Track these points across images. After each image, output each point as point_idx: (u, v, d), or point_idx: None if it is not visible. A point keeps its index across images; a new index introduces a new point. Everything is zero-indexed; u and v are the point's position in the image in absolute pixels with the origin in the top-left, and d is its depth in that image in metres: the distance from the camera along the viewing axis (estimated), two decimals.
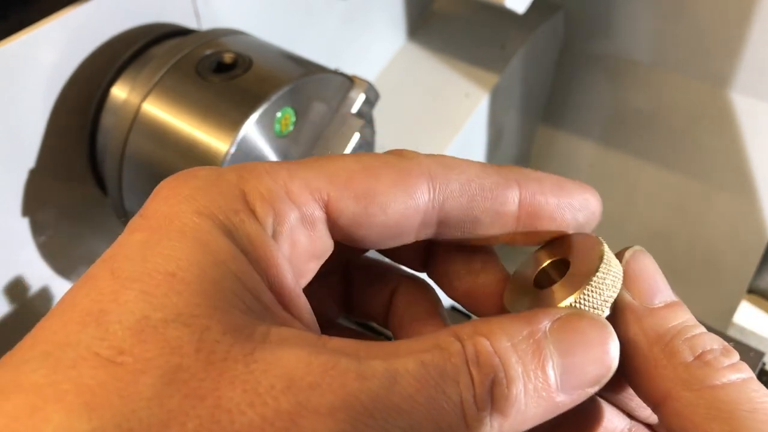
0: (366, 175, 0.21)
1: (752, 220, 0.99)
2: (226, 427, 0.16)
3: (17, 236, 0.52)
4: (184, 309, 0.17)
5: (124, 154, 0.49)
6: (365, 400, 0.16)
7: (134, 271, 0.17)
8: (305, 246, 0.21)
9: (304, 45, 0.68)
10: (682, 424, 0.19)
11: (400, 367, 0.17)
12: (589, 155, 1.09)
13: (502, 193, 0.22)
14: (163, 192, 0.20)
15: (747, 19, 0.85)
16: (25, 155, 0.49)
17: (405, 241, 0.22)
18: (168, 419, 0.15)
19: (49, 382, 0.16)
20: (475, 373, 0.18)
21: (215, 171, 0.20)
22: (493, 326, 0.19)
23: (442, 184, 0.21)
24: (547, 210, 0.22)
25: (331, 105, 0.51)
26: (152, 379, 0.16)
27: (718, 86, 0.93)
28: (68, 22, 0.47)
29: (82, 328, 0.16)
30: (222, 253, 0.18)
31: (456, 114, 0.83)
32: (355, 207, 0.21)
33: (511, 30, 0.89)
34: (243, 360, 0.16)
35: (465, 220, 0.22)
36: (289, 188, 0.20)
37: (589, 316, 0.20)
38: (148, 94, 0.48)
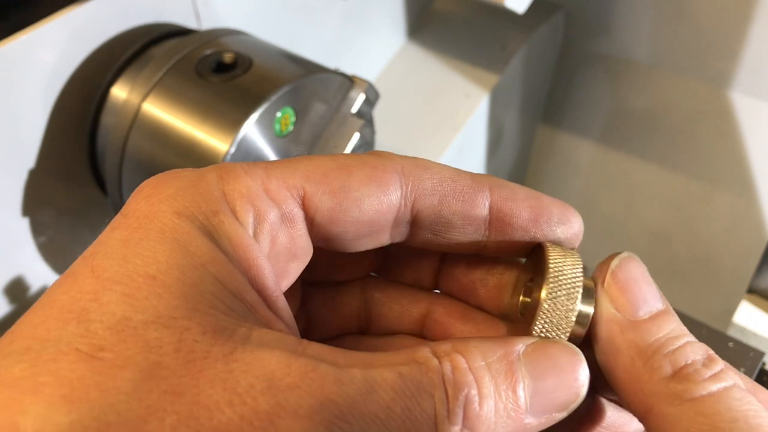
0: (340, 172, 0.21)
1: (752, 220, 0.99)
2: (205, 424, 0.16)
3: (17, 236, 0.52)
4: (164, 311, 0.17)
5: (124, 154, 0.49)
6: (342, 405, 0.17)
7: (115, 272, 0.18)
8: (285, 245, 0.21)
9: (304, 45, 0.68)
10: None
11: (378, 376, 0.18)
12: (589, 155, 1.09)
13: (473, 196, 0.22)
14: (144, 191, 0.20)
15: (747, 19, 0.85)
16: (25, 155, 0.49)
17: (381, 241, 0.22)
18: (146, 414, 0.15)
19: (27, 375, 0.16)
20: (450, 388, 0.18)
21: (196, 172, 0.20)
22: (470, 345, 0.19)
23: (414, 182, 0.22)
24: (519, 219, 0.22)
25: (331, 105, 0.51)
26: (131, 374, 0.16)
27: (718, 86, 0.93)
28: (68, 22, 0.47)
29: (63, 325, 0.17)
30: (202, 255, 0.18)
31: (456, 114, 0.83)
32: (331, 202, 0.21)
33: (511, 30, 0.89)
34: (223, 359, 0.17)
35: (436, 221, 0.22)
36: (267, 186, 0.20)
37: (561, 344, 0.21)
38: (148, 94, 0.48)
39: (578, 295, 0.21)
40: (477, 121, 0.85)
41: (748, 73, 0.90)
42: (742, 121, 0.94)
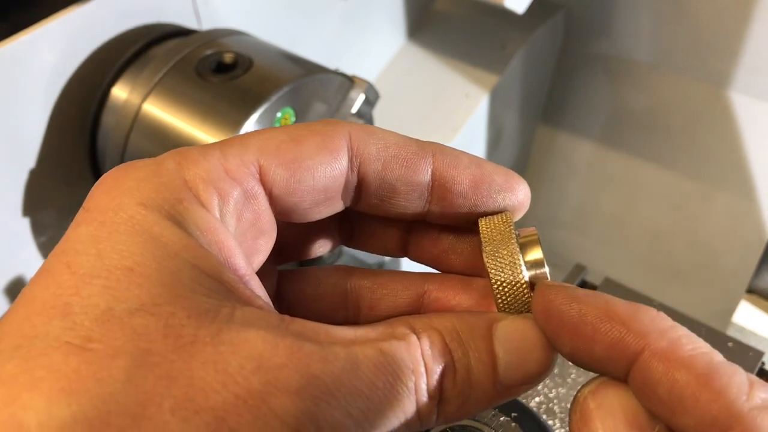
0: (292, 143, 0.21)
1: (752, 220, 0.99)
2: (202, 405, 0.16)
3: (17, 236, 0.52)
4: (146, 299, 0.17)
5: (125, 154, 0.49)
6: (328, 381, 0.17)
7: (92, 266, 0.18)
8: (250, 221, 0.22)
9: (304, 45, 0.69)
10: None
11: (360, 353, 0.18)
12: (589, 155, 1.09)
13: (416, 162, 0.22)
14: (104, 184, 0.20)
15: (747, 19, 0.85)
16: (25, 155, 0.49)
17: (335, 207, 0.23)
18: (144, 400, 0.16)
19: (22, 370, 0.16)
20: (429, 362, 0.19)
21: (154, 161, 0.21)
22: (446, 321, 0.20)
23: (360, 146, 0.22)
24: (460, 186, 0.22)
25: (331, 105, 0.51)
26: (124, 362, 0.16)
27: (717, 86, 0.93)
28: (68, 22, 0.47)
29: (48, 320, 0.17)
30: (174, 244, 0.19)
31: (456, 114, 0.83)
32: (286, 173, 0.21)
33: (511, 30, 0.89)
34: (211, 342, 0.17)
35: (380, 186, 0.22)
36: (226, 167, 0.21)
37: (531, 320, 0.21)
38: (149, 94, 0.48)
39: (522, 268, 0.21)
40: (477, 121, 0.85)
41: (748, 73, 0.90)
42: (741, 121, 0.94)
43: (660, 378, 0.17)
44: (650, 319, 0.18)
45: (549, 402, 0.68)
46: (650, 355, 0.18)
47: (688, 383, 0.17)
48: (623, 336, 0.18)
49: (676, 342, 0.18)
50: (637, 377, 0.18)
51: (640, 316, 0.18)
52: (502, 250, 0.22)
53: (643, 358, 0.18)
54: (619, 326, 0.18)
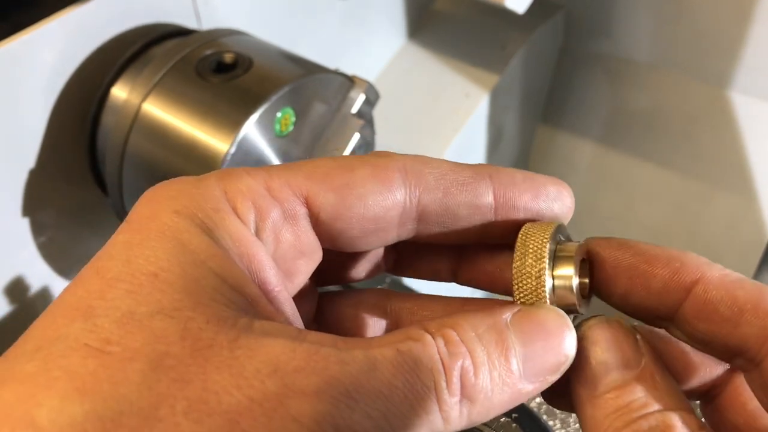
0: (342, 171, 0.21)
1: (752, 220, 0.99)
2: (215, 408, 0.16)
3: (17, 236, 0.52)
4: (167, 304, 0.17)
5: (124, 154, 0.49)
6: (347, 383, 0.17)
7: (119, 271, 0.18)
8: (291, 242, 0.21)
9: (304, 45, 0.68)
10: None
11: (378, 354, 0.18)
12: (589, 155, 1.09)
13: (477, 186, 0.22)
14: (146, 196, 0.20)
15: (746, 19, 0.85)
16: (25, 155, 0.49)
17: (387, 238, 0.23)
18: (157, 401, 0.16)
19: (40, 371, 0.16)
20: (446, 360, 0.19)
21: (197, 176, 0.21)
22: (459, 320, 0.20)
23: (417, 177, 0.22)
24: (521, 200, 0.23)
25: (331, 105, 0.51)
26: (140, 365, 0.16)
27: (717, 86, 0.93)
28: (68, 22, 0.47)
29: (70, 323, 0.17)
30: (201, 252, 0.19)
31: (456, 114, 0.83)
32: (335, 199, 0.21)
33: (511, 30, 0.89)
34: (228, 346, 0.17)
35: (443, 213, 0.22)
36: (269, 185, 0.21)
37: (546, 308, 0.21)
38: (149, 94, 0.48)
39: (545, 257, 0.21)
40: (477, 121, 0.85)
41: (748, 73, 0.90)
42: (741, 121, 0.94)
43: (722, 298, 0.20)
44: (697, 256, 0.22)
45: None
46: (708, 282, 0.21)
47: (748, 299, 0.20)
48: (679, 269, 0.21)
49: (723, 270, 0.21)
50: (696, 303, 0.21)
51: (689, 254, 0.22)
52: (530, 259, 0.22)
53: (702, 285, 0.21)
54: (675, 261, 0.21)
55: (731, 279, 0.21)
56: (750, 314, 0.20)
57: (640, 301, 0.22)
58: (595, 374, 0.21)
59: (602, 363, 0.21)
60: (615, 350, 0.21)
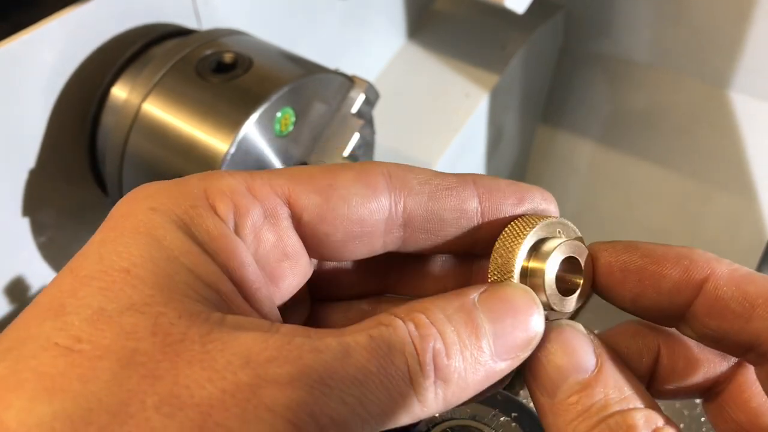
0: (326, 173, 0.22)
1: (752, 220, 0.99)
2: (186, 401, 0.16)
3: (17, 236, 0.52)
4: (138, 299, 0.17)
5: (124, 154, 0.49)
6: (321, 371, 0.17)
7: (92, 269, 0.18)
8: (273, 243, 0.21)
9: (304, 45, 0.68)
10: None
11: (351, 340, 0.18)
12: (589, 155, 1.09)
13: (462, 190, 0.22)
14: (125, 197, 0.20)
15: (746, 19, 0.85)
16: (25, 155, 0.49)
17: (374, 246, 0.22)
18: (128, 398, 0.16)
19: (9, 372, 0.16)
20: (417, 342, 0.19)
21: (178, 178, 0.21)
22: (427, 303, 0.20)
23: (401, 181, 0.22)
24: (506, 204, 0.23)
25: (331, 105, 0.51)
26: (110, 363, 0.16)
27: (717, 86, 0.93)
28: (68, 22, 0.47)
29: (41, 322, 0.17)
30: (175, 248, 0.19)
31: (456, 114, 0.83)
32: (318, 200, 0.21)
33: (511, 30, 0.89)
34: (199, 341, 0.17)
35: (429, 219, 0.22)
36: (250, 185, 0.21)
37: (512, 285, 0.21)
38: (149, 94, 0.48)
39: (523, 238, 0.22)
40: (477, 121, 0.85)
41: (748, 73, 0.90)
42: (741, 121, 0.94)
43: (732, 294, 0.21)
44: (704, 252, 0.22)
45: None
46: (718, 278, 0.21)
47: (759, 293, 0.20)
48: (688, 266, 0.21)
49: (732, 265, 0.21)
50: (707, 300, 0.21)
51: (696, 251, 0.22)
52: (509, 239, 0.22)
53: (712, 282, 0.21)
54: (684, 259, 0.21)
55: (741, 274, 0.21)
56: (762, 309, 0.20)
57: (651, 303, 0.22)
58: (552, 381, 0.21)
59: (558, 369, 0.21)
60: (570, 355, 0.21)
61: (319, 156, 0.50)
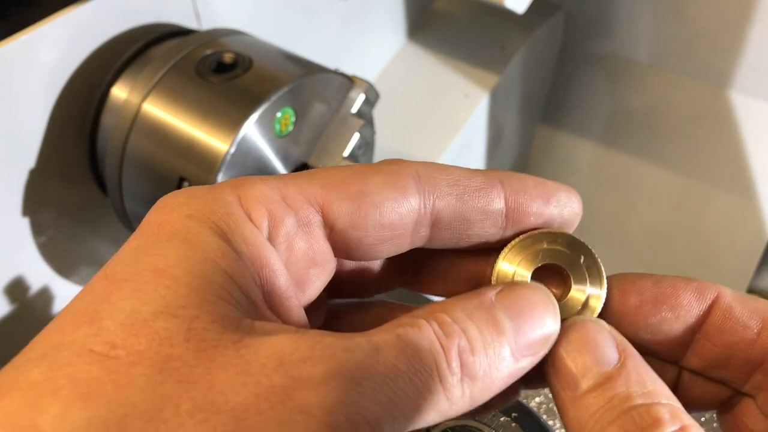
0: (356, 178, 0.22)
1: (752, 220, 0.99)
2: (221, 407, 0.16)
3: (17, 236, 0.52)
4: (172, 301, 0.17)
5: (124, 154, 0.49)
6: (353, 369, 0.17)
7: (126, 272, 0.18)
8: (304, 251, 0.21)
9: (304, 45, 0.68)
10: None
11: (379, 339, 0.18)
12: (589, 155, 1.09)
13: (488, 191, 0.23)
14: (158, 205, 0.20)
15: (746, 19, 0.85)
16: (25, 155, 0.49)
17: (402, 246, 0.23)
18: (162, 404, 0.16)
19: (45, 379, 0.16)
20: (443, 341, 0.19)
21: (210, 185, 0.21)
22: (445, 304, 0.20)
23: (431, 183, 0.22)
24: (533, 206, 0.23)
25: (331, 105, 0.51)
26: (144, 369, 0.16)
27: (717, 86, 0.93)
28: (68, 22, 0.47)
29: (76, 329, 0.17)
30: (211, 250, 0.19)
31: (456, 114, 0.83)
32: (350, 207, 0.21)
33: (511, 30, 0.89)
34: (233, 346, 0.17)
35: (456, 219, 0.23)
36: (284, 193, 0.21)
37: (526, 284, 0.22)
38: (149, 94, 0.48)
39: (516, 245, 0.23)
40: (477, 121, 0.85)
41: (748, 73, 0.90)
42: (741, 121, 0.94)
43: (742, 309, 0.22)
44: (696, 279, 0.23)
45: (549, 402, 0.68)
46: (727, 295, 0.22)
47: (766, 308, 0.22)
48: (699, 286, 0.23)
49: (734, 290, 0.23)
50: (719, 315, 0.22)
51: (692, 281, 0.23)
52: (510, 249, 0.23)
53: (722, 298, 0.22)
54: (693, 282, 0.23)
55: (743, 295, 0.22)
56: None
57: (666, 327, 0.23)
58: (574, 375, 0.21)
59: (580, 362, 0.21)
60: (592, 348, 0.21)
61: (319, 156, 0.50)
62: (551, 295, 0.22)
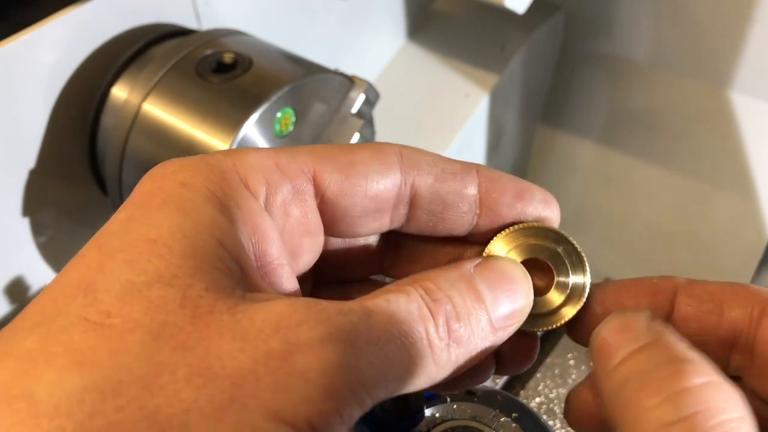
0: (345, 152, 0.22)
1: (752, 220, 0.99)
2: (218, 372, 0.16)
3: (17, 236, 0.52)
4: (165, 271, 0.17)
5: (124, 154, 0.49)
6: (348, 331, 0.17)
7: (119, 243, 0.18)
8: (298, 219, 0.22)
9: (304, 45, 0.68)
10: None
11: (371, 304, 0.19)
12: (589, 155, 1.09)
13: (464, 175, 0.23)
14: (148, 175, 0.20)
15: (746, 19, 0.85)
16: (25, 155, 0.49)
17: (383, 222, 0.23)
18: (158, 370, 0.16)
19: (39, 347, 0.16)
20: (431, 306, 0.20)
21: (202, 154, 0.21)
22: (430, 274, 0.21)
23: (412, 161, 0.23)
24: (505, 196, 0.24)
25: (331, 105, 0.51)
26: (140, 335, 0.16)
27: (717, 86, 0.93)
28: (68, 22, 0.47)
29: (71, 300, 0.17)
30: (204, 218, 0.19)
31: (456, 114, 0.83)
32: (340, 177, 0.22)
33: (511, 30, 0.89)
34: (228, 311, 0.17)
35: (432, 199, 0.23)
36: (277, 162, 0.21)
37: (503, 258, 0.23)
38: (149, 94, 0.48)
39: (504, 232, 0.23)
40: (477, 121, 0.85)
41: (748, 73, 0.90)
42: (742, 121, 0.94)
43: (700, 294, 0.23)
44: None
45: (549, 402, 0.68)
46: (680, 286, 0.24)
47: None
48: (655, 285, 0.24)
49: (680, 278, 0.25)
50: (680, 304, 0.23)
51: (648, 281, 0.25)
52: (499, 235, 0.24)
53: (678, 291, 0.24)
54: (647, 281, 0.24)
55: (696, 281, 0.24)
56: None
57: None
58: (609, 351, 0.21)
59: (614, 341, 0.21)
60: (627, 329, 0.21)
61: None
62: (524, 270, 0.23)
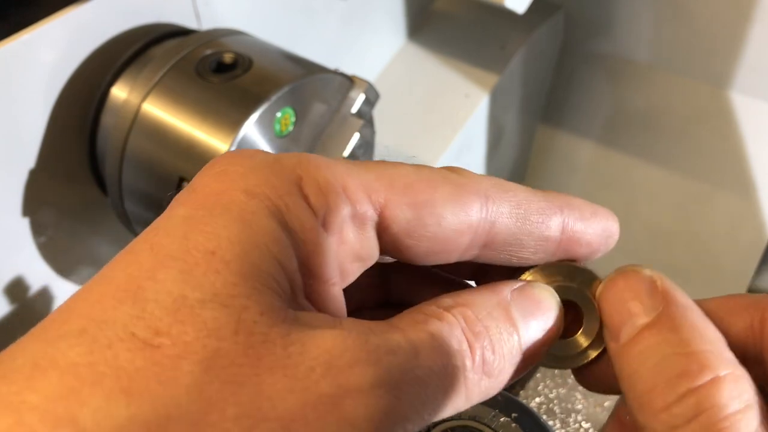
0: (425, 186, 0.21)
1: (752, 220, 0.99)
2: (268, 414, 0.16)
3: (17, 236, 0.52)
4: (221, 289, 0.17)
5: (124, 154, 0.49)
6: (396, 374, 0.17)
7: (174, 248, 0.17)
8: (352, 244, 0.21)
9: (304, 45, 0.68)
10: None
11: (416, 339, 0.18)
12: (589, 155, 1.09)
13: (548, 219, 0.22)
14: (215, 167, 0.19)
15: (746, 19, 0.85)
16: (25, 155, 0.49)
17: (448, 259, 0.22)
18: (207, 406, 0.15)
19: (85, 362, 0.15)
20: (470, 339, 0.19)
21: (273, 155, 0.20)
22: (469, 299, 0.20)
23: (495, 205, 0.21)
24: (584, 237, 0.23)
25: (331, 105, 0.51)
26: (191, 365, 0.16)
27: (717, 86, 0.93)
28: (68, 22, 0.47)
29: (118, 305, 0.16)
30: (265, 234, 0.18)
31: (456, 114, 0.83)
32: (410, 215, 0.21)
33: (511, 30, 0.89)
34: (281, 343, 0.16)
35: (511, 242, 0.22)
36: (346, 184, 0.20)
37: (538, 285, 0.22)
38: (148, 94, 0.48)
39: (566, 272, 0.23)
40: (477, 121, 0.85)
41: (748, 73, 0.90)
42: (742, 121, 0.94)
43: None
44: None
45: (549, 402, 0.68)
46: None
47: None
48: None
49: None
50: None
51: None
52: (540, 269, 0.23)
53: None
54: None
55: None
56: None
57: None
58: (616, 325, 0.21)
59: (619, 314, 0.21)
60: (631, 300, 0.21)
61: None
62: (558, 300, 0.22)
